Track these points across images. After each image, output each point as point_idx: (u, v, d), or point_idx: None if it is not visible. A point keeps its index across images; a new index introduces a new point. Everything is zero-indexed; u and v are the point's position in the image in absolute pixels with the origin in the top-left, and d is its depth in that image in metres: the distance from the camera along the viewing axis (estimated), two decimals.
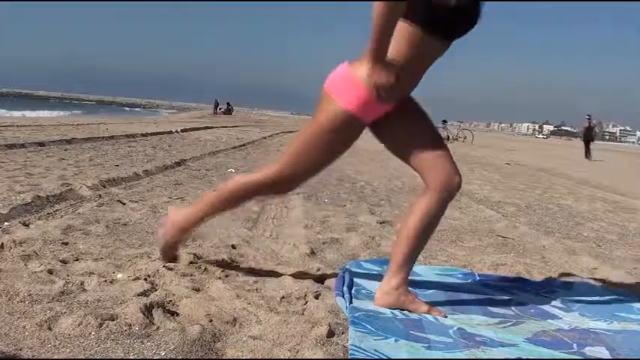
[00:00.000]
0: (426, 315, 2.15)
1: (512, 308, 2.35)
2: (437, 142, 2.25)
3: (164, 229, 2.52)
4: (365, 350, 1.73)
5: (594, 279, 2.95)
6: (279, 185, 2.29)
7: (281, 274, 2.52)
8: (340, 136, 2.16)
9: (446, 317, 2.15)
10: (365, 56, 2.02)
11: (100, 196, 4.21)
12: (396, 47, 2.02)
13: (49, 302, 1.94)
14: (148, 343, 1.69)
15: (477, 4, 2.09)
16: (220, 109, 43.06)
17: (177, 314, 1.97)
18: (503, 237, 3.97)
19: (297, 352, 1.73)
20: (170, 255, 2.53)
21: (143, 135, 11.86)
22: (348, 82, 2.08)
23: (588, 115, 22.59)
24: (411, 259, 2.21)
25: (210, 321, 1.90)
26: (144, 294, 2.08)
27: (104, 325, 1.74)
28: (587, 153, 21.18)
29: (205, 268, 2.50)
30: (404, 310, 2.17)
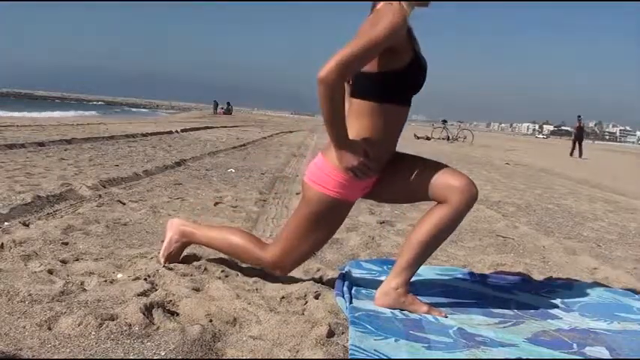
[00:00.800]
0: (426, 315, 2.15)
1: (513, 308, 2.35)
2: (435, 166, 2.24)
3: (168, 239, 2.52)
4: (365, 350, 1.73)
5: (594, 279, 2.96)
6: (280, 268, 2.38)
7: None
8: (330, 219, 2.26)
9: (446, 317, 2.15)
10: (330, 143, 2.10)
11: (100, 196, 4.21)
12: (362, 126, 2.13)
13: (49, 302, 1.94)
14: (148, 343, 1.69)
15: (420, 58, 2.14)
16: (222, 108, 43.21)
17: (178, 314, 1.97)
18: (503, 237, 3.97)
19: (297, 352, 1.73)
20: (174, 261, 2.54)
21: (143, 135, 11.85)
22: (325, 170, 2.17)
23: (579, 116, 23.63)
24: (415, 264, 2.21)
25: (210, 321, 1.91)
26: (144, 294, 2.08)
27: (104, 325, 1.74)
28: (580, 151, 22.41)
29: (205, 268, 2.50)
30: (403, 310, 2.17)
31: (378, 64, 2.07)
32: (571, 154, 22.46)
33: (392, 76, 2.09)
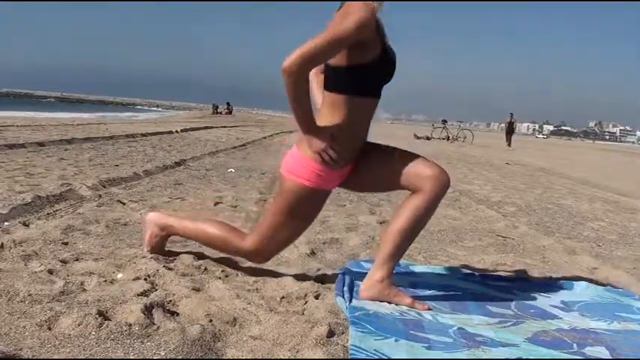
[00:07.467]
0: (426, 314, 2.15)
1: (513, 308, 2.35)
2: (408, 155, 2.31)
3: (148, 234, 2.62)
4: (365, 350, 1.73)
5: (594, 279, 2.95)
6: (260, 256, 2.43)
7: (281, 274, 2.52)
8: (307, 207, 2.32)
9: (430, 310, 2.20)
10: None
11: (99, 196, 4.21)
12: (330, 116, 2.20)
13: (49, 302, 1.94)
14: (148, 343, 1.69)
15: (388, 51, 2.20)
16: (226, 109, 43.47)
17: (178, 314, 1.97)
18: (503, 237, 3.97)
19: (297, 352, 1.73)
20: (160, 252, 2.62)
21: (143, 135, 11.85)
22: (299, 161, 2.23)
23: (511, 113, 27.81)
24: (396, 254, 2.27)
25: (210, 321, 1.91)
26: (144, 294, 2.08)
27: (104, 325, 1.74)
28: (509, 142, 26.27)
29: (205, 268, 2.50)
30: (384, 301, 2.22)
31: (347, 57, 2.13)
32: (506, 144, 26.22)
33: (361, 70, 2.16)
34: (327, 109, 2.22)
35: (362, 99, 2.22)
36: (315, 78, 2.41)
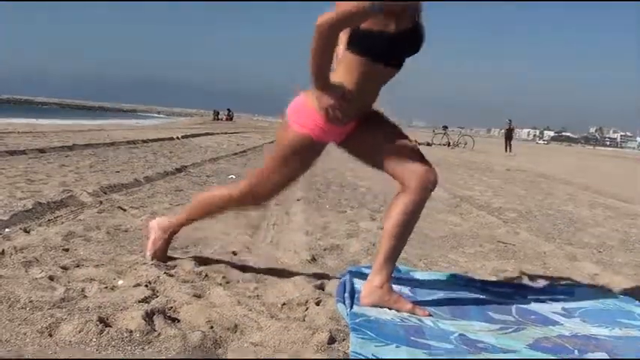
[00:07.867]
0: (427, 320, 2.15)
1: (514, 314, 2.34)
2: (405, 145, 2.34)
3: (152, 238, 2.67)
4: (366, 356, 1.73)
5: (595, 285, 2.95)
6: (248, 198, 2.48)
7: (282, 281, 2.52)
8: (303, 157, 2.36)
9: (430, 316, 2.20)
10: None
11: (100, 202, 4.21)
12: (344, 74, 2.20)
13: (49, 309, 1.94)
14: (149, 350, 1.69)
15: (417, 28, 2.19)
16: (227, 115, 43.72)
17: (178, 320, 1.97)
18: (504, 243, 3.97)
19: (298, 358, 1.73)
20: (162, 257, 2.66)
21: (144, 141, 11.86)
22: (305, 110, 2.26)
23: (509, 120, 28.63)
24: (392, 256, 2.30)
25: (211, 327, 1.90)
26: (145, 300, 2.08)
27: (105, 332, 1.74)
28: (509, 148, 26.95)
29: (206, 275, 2.50)
30: (385, 307, 2.22)
31: (373, 23, 2.12)
32: (505, 151, 26.62)
33: (384, 37, 2.14)
34: (343, 67, 2.22)
35: (379, 65, 2.20)
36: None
